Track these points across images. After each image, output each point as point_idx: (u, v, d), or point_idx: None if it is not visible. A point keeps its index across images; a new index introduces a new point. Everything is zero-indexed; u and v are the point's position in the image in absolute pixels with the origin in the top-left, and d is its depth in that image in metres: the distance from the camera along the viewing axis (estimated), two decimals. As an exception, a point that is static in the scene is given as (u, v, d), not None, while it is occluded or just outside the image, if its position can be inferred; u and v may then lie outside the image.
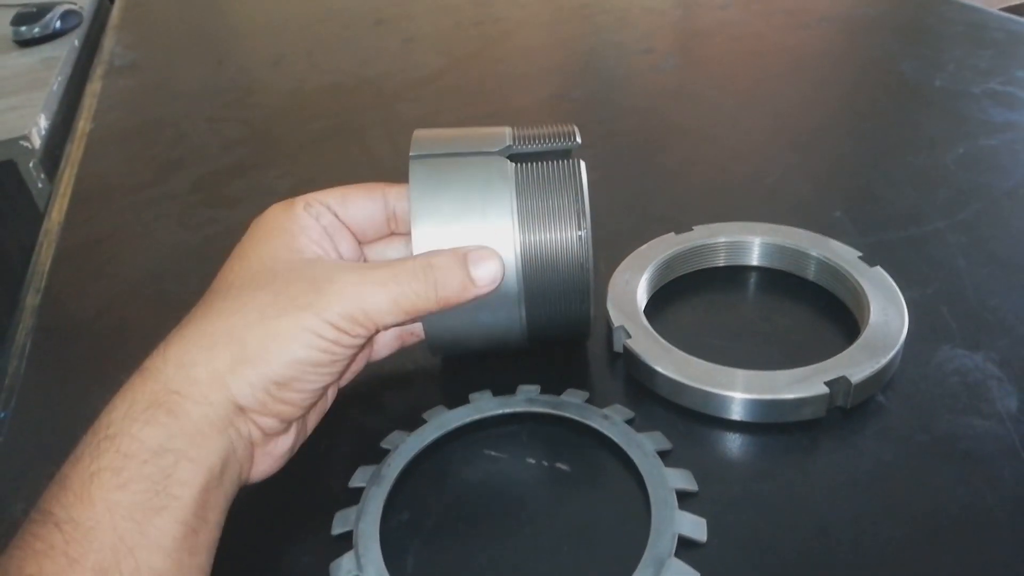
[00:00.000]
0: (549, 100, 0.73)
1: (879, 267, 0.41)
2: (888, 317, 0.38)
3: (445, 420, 0.37)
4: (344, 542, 0.32)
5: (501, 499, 0.34)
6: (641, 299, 0.42)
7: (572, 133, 0.37)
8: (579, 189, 0.35)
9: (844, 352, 0.36)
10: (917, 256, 0.46)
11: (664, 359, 0.37)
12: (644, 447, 0.34)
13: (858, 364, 0.36)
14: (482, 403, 0.37)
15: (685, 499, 0.33)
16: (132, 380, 0.30)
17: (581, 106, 0.71)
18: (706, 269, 0.46)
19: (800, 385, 0.35)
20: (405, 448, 0.35)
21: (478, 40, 0.89)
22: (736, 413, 0.36)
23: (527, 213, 0.35)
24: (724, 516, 0.32)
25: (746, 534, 0.31)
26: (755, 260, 0.46)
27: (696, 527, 0.31)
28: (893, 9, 0.86)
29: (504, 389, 0.38)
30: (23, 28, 1.15)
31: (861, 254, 0.43)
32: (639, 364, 0.38)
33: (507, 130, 0.38)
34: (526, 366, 0.40)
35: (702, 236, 0.45)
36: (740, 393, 0.35)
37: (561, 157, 0.36)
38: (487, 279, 0.34)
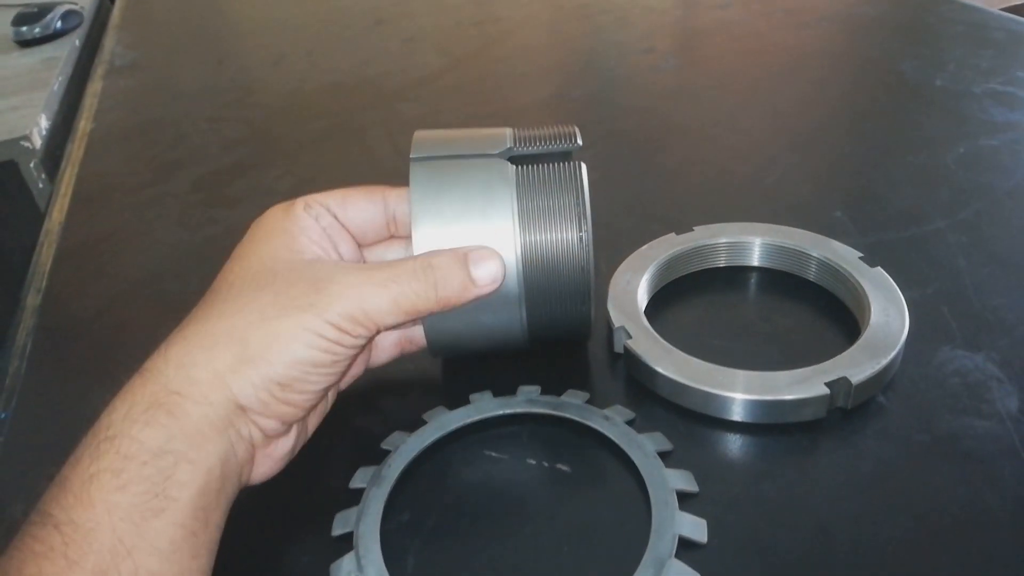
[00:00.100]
0: (549, 100, 0.73)
1: (879, 267, 0.41)
2: (889, 317, 0.38)
3: (445, 421, 0.37)
4: (344, 543, 0.32)
5: (502, 500, 0.34)
6: (642, 300, 0.42)
7: (573, 134, 0.37)
8: (580, 191, 0.35)
9: (845, 353, 0.36)
10: (918, 256, 0.46)
11: (665, 360, 0.37)
12: (644, 448, 0.34)
13: (859, 365, 0.36)
14: (482, 404, 0.37)
15: (686, 500, 0.33)
16: (132, 381, 0.30)
17: (581, 106, 0.71)
18: (707, 270, 0.46)
19: (801, 386, 0.35)
20: (405, 449, 0.35)
21: (478, 40, 0.89)
22: (737, 414, 0.36)
23: (528, 215, 0.35)
24: (724, 517, 0.32)
25: (747, 535, 0.31)
26: (756, 260, 0.46)
27: (696, 528, 0.31)
28: (893, 9, 0.86)
29: (504, 390, 0.38)
30: (24, 28, 1.15)
31: (862, 254, 0.42)
32: (640, 365, 0.38)
33: (507, 131, 0.37)
34: (526, 367, 0.40)
35: (703, 236, 0.45)
36: (741, 394, 0.35)
37: (562, 159, 0.36)
38: (488, 279, 0.34)
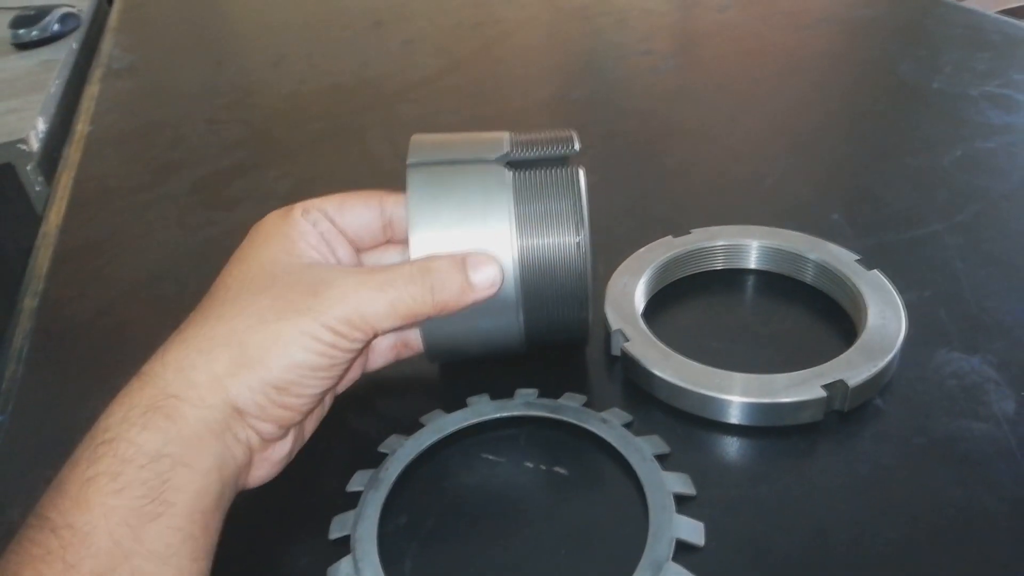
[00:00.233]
0: (548, 101, 0.74)
1: (877, 270, 0.41)
2: (886, 320, 0.38)
3: (443, 424, 0.37)
4: (342, 546, 0.32)
5: (499, 503, 0.34)
6: (639, 302, 0.42)
7: (570, 139, 0.37)
8: (578, 197, 0.35)
9: (842, 355, 0.36)
10: (915, 259, 0.46)
11: (662, 363, 0.37)
12: (642, 451, 0.34)
13: (856, 367, 0.36)
14: (480, 407, 0.37)
15: (683, 503, 0.33)
16: (130, 384, 0.30)
17: (580, 107, 0.71)
18: (704, 272, 0.46)
19: (798, 389, 0.35)
20: (403, 452, 0.35)
21: (478, 41, 0.89)
22: (734, 417, 0.36)
23: (525, 221, 0.35)
24: (722, 520, 0.32)
25: (744, 538, 0.31)
26: (753, 263, 0.46)
27: (694, 531, 0.31)
28: (891, 11, 0.86)
29: (502, 393, 0.38)
30: (21, 31, 1.15)
31: (859, 257, 0.43)
32: (637, 368, 0.38)
33: (505, 136, 0.37)
34: (524, 370, 0.40)
35: (700, 239, 0.45)
36: (738, 397, 0.35)
37: (559, 164, 0.36)
38: (486, 284, 0.34)
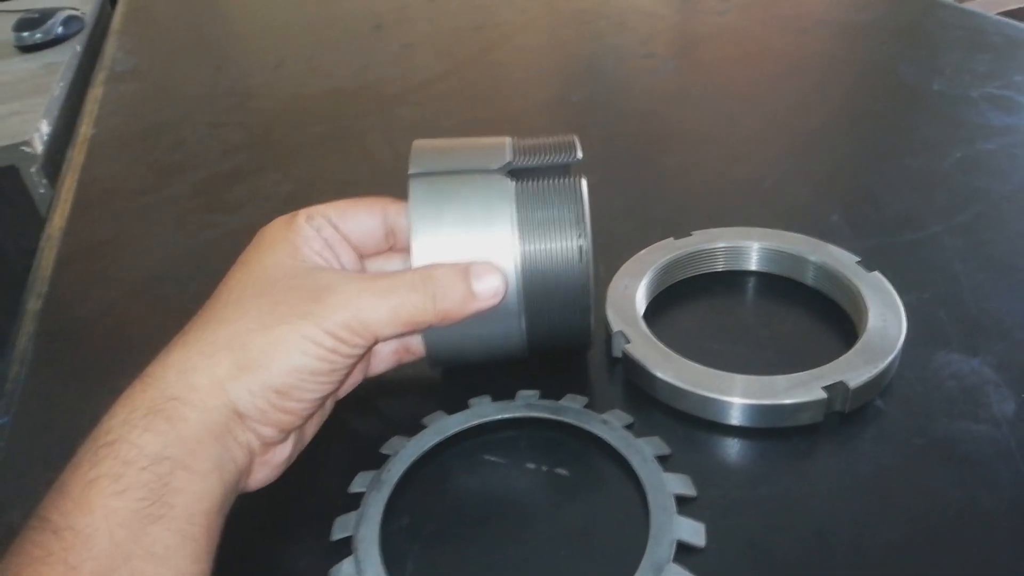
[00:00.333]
0: (549, 104, 0.74)
1: (877, 272, 0.42)
2: (886, 322, 0.38)
3: (444, 425, 0.37)
4: (344, 547, 0.32)
5: (500, 504, 0.34)
6: (640, 304, 0.42)
7: (573, 146, 0.37)
8: (580, 207, 0.35)
9: (842, 357, 0.37)
10: (915, 260, 0.46)
11: (663, 364, 0.37)
12: (643, 452, 0.34)
13: (856, 369, 0.36)
14: (481, 408, 0.38)
15: (684, 504, 0.33)
16: (133, 387, 0.30)
17: (580, 110, 0.72)
18: (705, 274, 0.46)
19: (798, 390, 0.35)
20: (405, 453, 0.36)
21: (478, 44, 0.89)
22: (735, 418, 0.36)
23: (528, 232, 0.35)
24: (723, 521, 0.32)
25: (745, 539, 0.32)
26: (754, 265, 0.46)
27: (695, 532, 0.31)
28: (891, 13, 0.86)
29: (503, 394, 0.38)
30: (25, 34, 1.16)
31: (859, 259, 0.43)
32: (638, 369, 0.38)
33: (507, 142, 0.37)
34: (525, 372, 0.40)
35: (701, 241, 0.46)
36: (739, 398, 0.35)
37: (562, 173, 0.36)
38: (489, 293, 0.34)
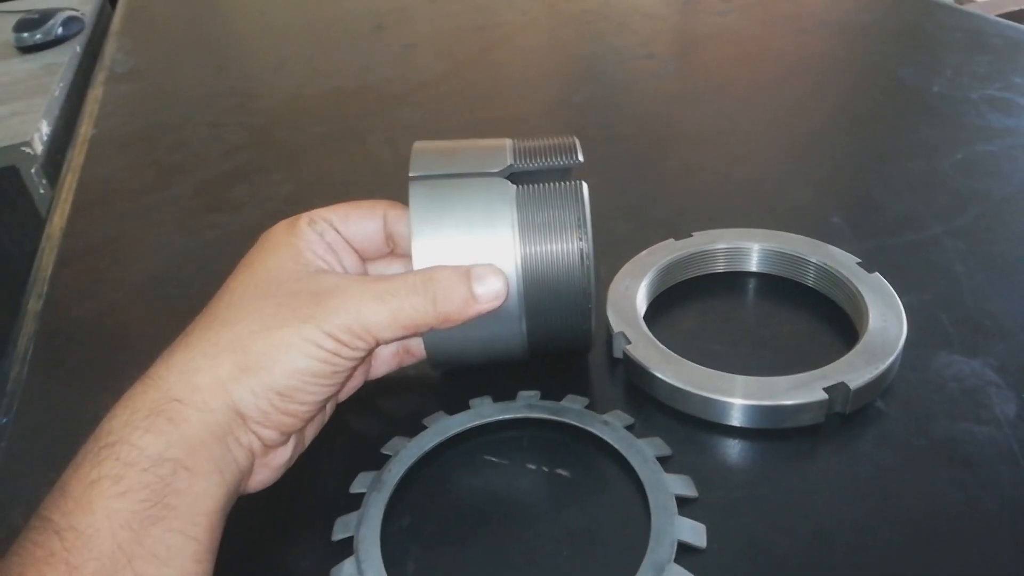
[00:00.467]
0: (550, 105, 0.74)
1: (877, 273, 0.42)
2: (887, 323, 0.38)
3: (445, 426, 0.37)
4: (345, 547, 0.32)
5: (501, 505, 0.34)
6: (641, 305, 0.42)
7: (573, 148, 0.37)
8: (581, 211, 0.35)
9: (843, 358, 0.37)
10: (915, 262, 0.46)
11: (664, 365, 0.37)
12: (644, 453, 0.34)
13: (857, 370, 0.36)
14: (482, 409, 0.38)
15: (685, 505, 0.33)
16: (134, 388, 0.30)
17: (581, 111, 0.72)
18: (705, 275, 0.46)
19: (799, 391, 0.35)
20: (406, 454, 0.36)
21: (479, 45, 0.89)
22: (735, 419, 0.36)
23: (528, 236, 0.35)
24: (724, 522, 0.32)
25: (745, 539, 0.32)
26: (754, 266, 0.46)
27: (695, 533, 0.31)
28: (892, 15, 0.87)
29: (504, 395, 0.38)
30: (25, 34, 1.16)
31: (860, 260, 0.43)
32: (639, 370, 0.38)
33: (508, 144, 0.37)
34: (526, 372, 0.40)
35: (701, 242, 0.46)
36: (739, 399, 0.35)
37: (563, 176, 0.36)
38: (490, 296, 0.34)
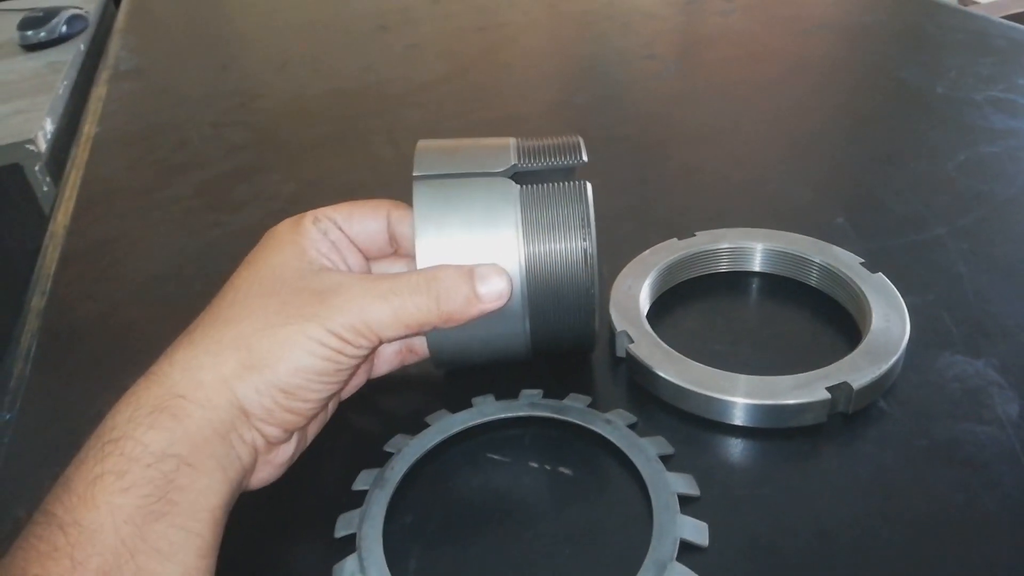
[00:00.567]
0: (552, 105, 0.74)
1: (880, 273, 0.42)
2: (890, 323, 0.38)
3: (448, 424, 0.37)
4: (347, 545, 0.32)
5: (504, 503, 0.34)
6: (644, 304, 0.42)
7: (578, 147, 0.36)
8: (585, 211, 0.35)
9: (846, 358, 0.37)
10: (919, 262, 0.46)
11: (666, 364, 0.37)
12: (646, 451, 0.34)
13: (860, 370, 0.36)
14: (485, 407, 0.38)
15: (687, 503, 0.33)
16: (138, 384, 0.30)
17: (584, 111, 0.72)
18: (708, 275, 0.46)
19: (802, 390, 0.35)
20: (408, 451, 0.36)
21: (481, 46, 0.89)
22: (738, 418, 0.36)
23: (532, 236, 0.35)
24: (726, 520, 0.32)
25: (748, 538, 0.32)
26: (757, 266, 0.46)
27: (698, 531, 0.31)
28: (895, 16, 0.87)
29: (507, 393, 0.38)
30: (29, 32, 1.16)
31: (863, 260, 0.43)
32: (642, 369, 0.38)
33: (511, 144, 0.37)
34: (529, 371, 0.40)
35: (704, 242, 0.46)
36: (742, 398, 0.35)
37: (566, 176, 0.36)
38: (493, 295, 0.34)
